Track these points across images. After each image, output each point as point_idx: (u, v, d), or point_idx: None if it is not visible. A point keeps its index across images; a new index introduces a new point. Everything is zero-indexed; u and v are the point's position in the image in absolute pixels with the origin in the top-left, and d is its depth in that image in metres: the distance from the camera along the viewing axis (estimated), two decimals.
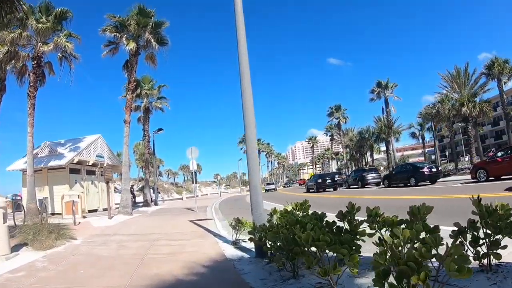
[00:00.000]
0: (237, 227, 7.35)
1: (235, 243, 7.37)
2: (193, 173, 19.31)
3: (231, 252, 6.70)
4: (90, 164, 21.91)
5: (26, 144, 17.22)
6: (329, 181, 32.41)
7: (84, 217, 16.78)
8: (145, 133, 28.33)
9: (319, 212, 4.52)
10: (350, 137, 68.97)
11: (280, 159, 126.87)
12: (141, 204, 28.01)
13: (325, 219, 4.17)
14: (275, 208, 5.51)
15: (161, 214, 18.54)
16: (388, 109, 51.57)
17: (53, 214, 19.11)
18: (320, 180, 33.09)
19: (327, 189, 31.71)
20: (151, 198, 27.96)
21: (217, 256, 6.37)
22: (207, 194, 65.39)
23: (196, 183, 19.60)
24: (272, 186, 59.34)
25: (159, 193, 38.55)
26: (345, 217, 3.75)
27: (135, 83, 20.37)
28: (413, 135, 61.18)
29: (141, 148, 58.95)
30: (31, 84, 17.68)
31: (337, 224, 3.80)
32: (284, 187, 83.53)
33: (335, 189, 31.78)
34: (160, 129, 30.16)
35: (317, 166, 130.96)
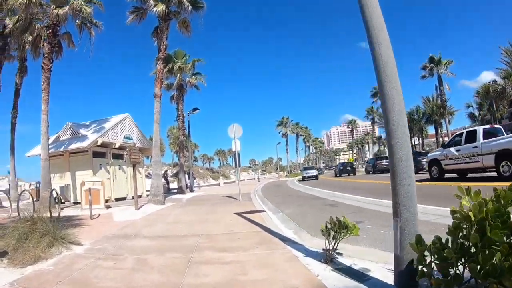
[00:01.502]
0: (336, 233, 4.20)
1: (331, 260, 4.25)
2: (236, 154, 16.27)
3: (333, 280, 3.61)
4: (116, 146, 19.19)
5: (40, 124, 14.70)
6: (348, 168, 43.83)
7: (107, 207, 14.10)
8: (179, 112, 25.37)
9: None
10: None
11: (317, 144, 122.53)
12: (175, 191, 25.28)
13: None
14: (475, 204, 2.29)
15: (199, 203, 15.60)
16: (441, 87, 46.82)
17: (75, 203, 16.65)
18: (341, 167, 44.96)
19: (349, 174, 41.75)
20: (186, 185, 25.18)
21: None
22: (244, 180, 62.72)
23: (239, 166, 16.53)
24: (313, 172, 42.20)
25: (195, 178, 35.85)
26: None
27: (166, 52, 17.42)
28: (471, 116, 55.15)
29: (175, 132, 56.47)
30: (46, 55, 15.26)
31: None
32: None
33: (354, 174, 42.21)
34: (195, 109, 27.20)
35: (354, 151, 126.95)
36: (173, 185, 33.71)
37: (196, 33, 20.85)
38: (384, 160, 39.27)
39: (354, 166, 46.63)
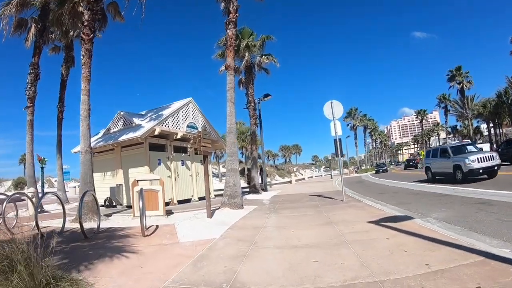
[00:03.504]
0: None
1: None
2: (337, 140, 12.00)
3: None
4: (178, 137, 15.46)
5: (84, 112, 11.23)
6: (411, 163, 49.99)
7: (168, 213, 10.32)
8: (250, 98, 21.19)
9: None
10: (482, 103, 55.45)
11: (383, 137, 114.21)
12: (246, 190, 21.24)
13: None
14: None
15: (290, 206, 11.38)
16: None
17: (129, 207, 13.16)
18: (406, 162, 52.14)
19: (415, 167, 45.20)
20: (259, 182, 21.00)
21: None
22: (312, 177, 57.67)
23: (341, 155, 12.20)
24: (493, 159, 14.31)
25: (267, 176, 31.61)
26: None
27: (237, 15, 13.36)
28: None
29: (239, 126, 52.31)
30: (86, 23, 11.85)
31: None
32: (377, 171, 51.59)
33: (416, 167, 45.20)
34: (267, 95, 22.65)
35: (415, 145, 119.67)
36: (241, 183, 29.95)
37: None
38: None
39: (416, 161, 50.57)
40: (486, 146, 35.10)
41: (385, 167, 51.54)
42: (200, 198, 16.33)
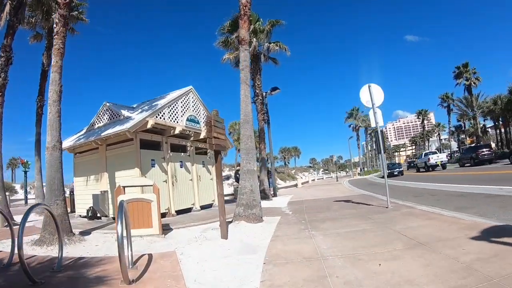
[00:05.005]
0: None
1: None
2: (378, 132, 9.65)
3: None
4: (176, 132, 12.63)
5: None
6: (412, 164, 53.40)
7: (165, 229, 7.71)
8: (257, 91, 18.56)
9: None
10: (493, 99, 52.39)
11: (383, 138, 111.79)
12: None
13: None
14: None
15: (323, 216, 8.66)
16: None
17: (115, 219, 10.36)
18: (407, 164, 58.44)
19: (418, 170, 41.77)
20: (268, 187, 18.25)
21: None
22: (314, 180, 54.69)
23: (383, 151, 9.74)
24: None
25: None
26: None
27: None
28: None
29: (238, 128, 49.47)
30: None
31: None
32: (391, 174, 36.20)
33: (418, 170, 41.07)
34: (275, 89, 19.69)
35: (412, 147, 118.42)
36: None
37: None
38: (485, 149, 32.12)
39: (415, 162, 48.43)
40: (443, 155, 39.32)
41: (401, 169, 37.70)
42: (202, 207, 13.67)
